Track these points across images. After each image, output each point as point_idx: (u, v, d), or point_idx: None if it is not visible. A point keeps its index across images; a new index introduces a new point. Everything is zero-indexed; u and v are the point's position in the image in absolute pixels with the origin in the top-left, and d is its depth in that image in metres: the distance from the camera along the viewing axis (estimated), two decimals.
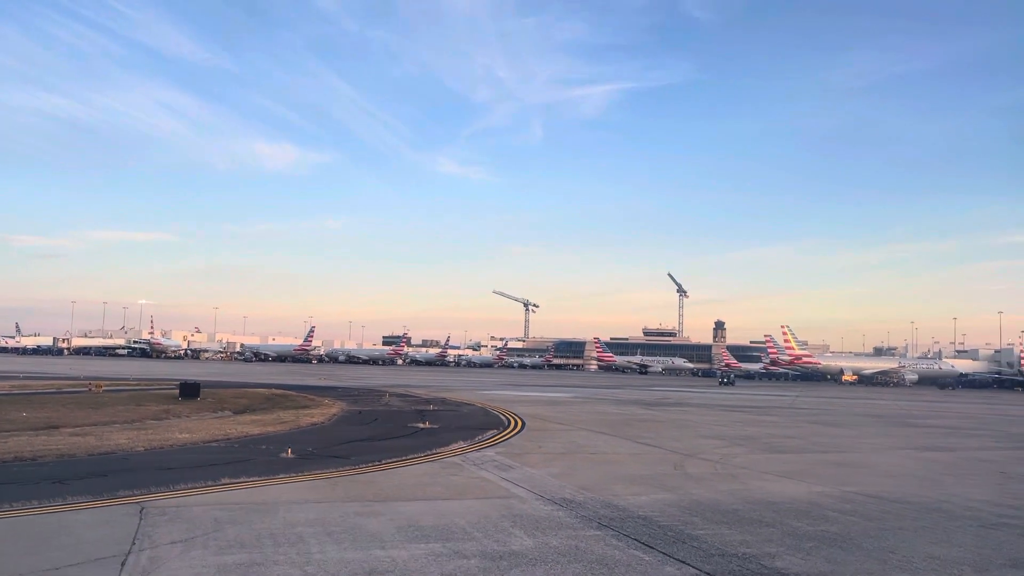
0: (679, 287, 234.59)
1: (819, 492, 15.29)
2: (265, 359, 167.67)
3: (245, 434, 22.02)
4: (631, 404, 45.88)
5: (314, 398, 38.43)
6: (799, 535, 11.32)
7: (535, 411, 35.76)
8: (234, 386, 48.49)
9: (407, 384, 62.35)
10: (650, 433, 27.08)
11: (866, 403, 59.23)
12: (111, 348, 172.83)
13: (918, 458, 22.63)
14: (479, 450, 20.30)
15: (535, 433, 25.54)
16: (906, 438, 29.36)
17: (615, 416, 35.35)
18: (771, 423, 34.66)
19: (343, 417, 29.26)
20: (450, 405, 37.85)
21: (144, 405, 30.50)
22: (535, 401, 44.75)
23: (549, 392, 58.73)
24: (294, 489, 13.88)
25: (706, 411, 41.57)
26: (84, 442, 18.77)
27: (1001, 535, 11.89)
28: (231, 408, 30.80)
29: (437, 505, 12.76)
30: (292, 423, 25.66)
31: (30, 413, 25.39)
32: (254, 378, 65.14)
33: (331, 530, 10.67)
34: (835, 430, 32.03)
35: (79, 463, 16.09)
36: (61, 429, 21.41)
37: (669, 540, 10.73)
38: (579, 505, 13.11)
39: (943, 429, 34.88)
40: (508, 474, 16.33)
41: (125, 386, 44.61)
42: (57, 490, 12.76)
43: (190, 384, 35.87)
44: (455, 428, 25.83)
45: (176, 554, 9.25)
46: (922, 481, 17.52)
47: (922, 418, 42.76)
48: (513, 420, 29.77)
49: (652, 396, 58.08)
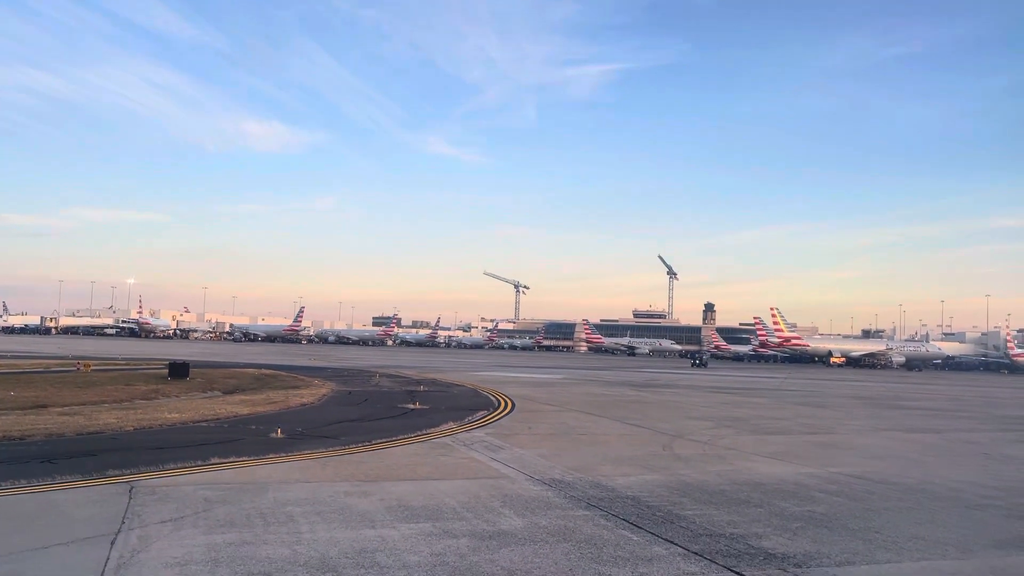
0: (669, 269, 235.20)
1: (806, 473, 15.44)
2: (254, 339, 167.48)
3: (235, 414, 21.99)
4: (620, 385, 46.08)
5: (304, 378, 38.40)
6: (786, 515, 11.44)
7: (525, 392, 35.87)
8: (223, 366, 48.37)
9: (397, 365, 62.40)
10: (639, 414, 27.23)
11: (853, 385, 59.71)
12: (99, 328, 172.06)
13: (904, 439, 22.87)
14: (469, 431, 20.36)
15: (525, 414, 25.62)
16: (892, 420, 29.64)
17: (604, 397, 35.51)
18: (759, 405, 34.90)
19: (333, 397, 29.28)
20: (440, 386, 37.93)
21: (133, 385, 30.41)
22: (525, 382, 44.87)
23: (539, 373, 58.89)
24: (284, 469, 13.90)
25: (695, 392, 41.81)
26: (73, 421, 18.72)
27: (985, 516, 12.05)
28: (220, 388, 30.75)
29: (427, 485, 12.80)
30: (282, 403, 25.65)
31: (18, 393, 25.27)
32: (243, 358, 64.99)
33: (321, 510, 10.70)
34: (822, 412, 32.29)
35: (68, 442, 16.06)
36: (49, 408, 21.34)
37: (657, 520, 10.82)
38: (568, 485, 13.18)
39: (929, 411, 35.22)
40: (498, 455, 16.40)
41: (113, 366, 44.42)
42: (46, 469, 12.72)
43: (179, 364, 35.73)
44: (445, 409, 25.89)
45: (166, 533, 9.26)
46: (907, 462, 17.71)
47: (908, 400, 43.14)
48: (503, 401, 29.86)
49: (641, 377, 58.34)
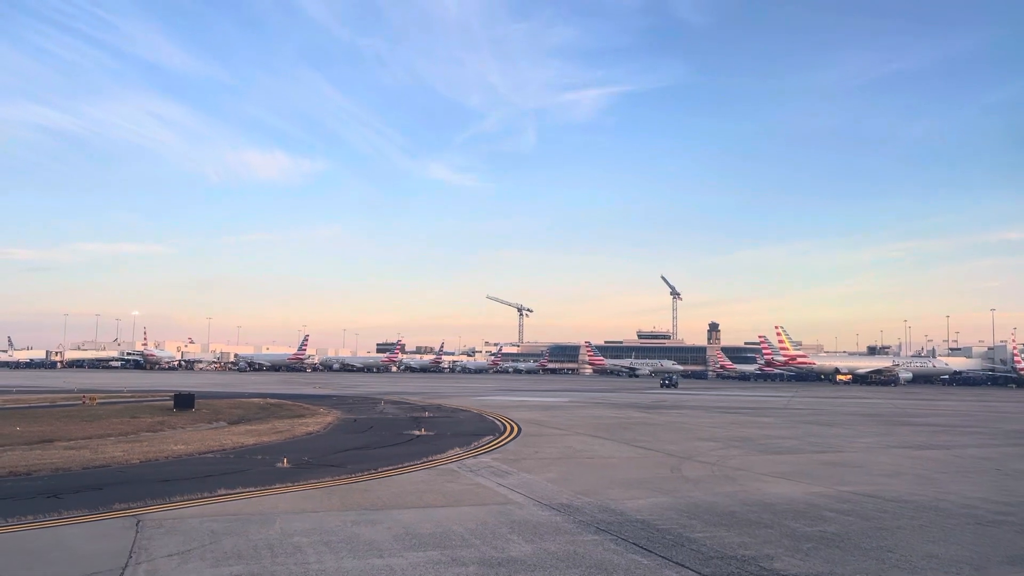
0: (672, 289, 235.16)
1: (816, 492, 15.32)
2: (259, 369, 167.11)
3: (240, 444, 21.95)
4: (626, 407, 45.88)
5: (309, 407, 38.33)
6: (797, 536, 11.34)
7: (531, 416, 35.74)
8: (229, 396, 48.33)
9: (402, 391, 62.25)
10: (646, 436, 27.09)
11: (861, 402, 59.36)
12: (104, 360, 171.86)
13: (914, 456, 22.69)
14: (475, 456, 20.27)
15: (531, 438, 25.52)
16: (901, 437, 29.43)
17: (611, 420, 35.35)
18: (767, 424, 34.71)
19: (338, 426, 29.20)
20: (445, 412, 37.82)
21: (139, 417, 30.38)
22: (530, 406, 44.72)
23: (544, 397, 58.68)
24: (291, 499, 13.83)
25: (702, 413, 41.60)
26: (79, 455, 18.70)
27: (999, 532, 11.92)
28: (226, 418, 30.70)
29: (434, 513, 12.73)
30: (287, 432, 25.59)
31: (24, 427, 25.26)
32: (249, 388, 64.92)
33: (328, 539, 10.64)
34: (831, 430, 32.09)
35: (74, 476, 16.02)
36: (55, 443, 21.32)
37: (667, 543, 10.73)
38: (577, 510, 13.10)
39: (938, 427, 34.97)
40: (505, 480, 16.31)
41: (119, 398, 44.41)
42: (52, 504, 12.70)
43: (184, 395, 35.73)
44: (451, 435, 25.80)
45: (173, 567, 9.21)
46: (918, 480, 17.57)
47: (917, 416, 42.85)
48: (509, 426, 29.74)
49: (648, 399, 58.10)
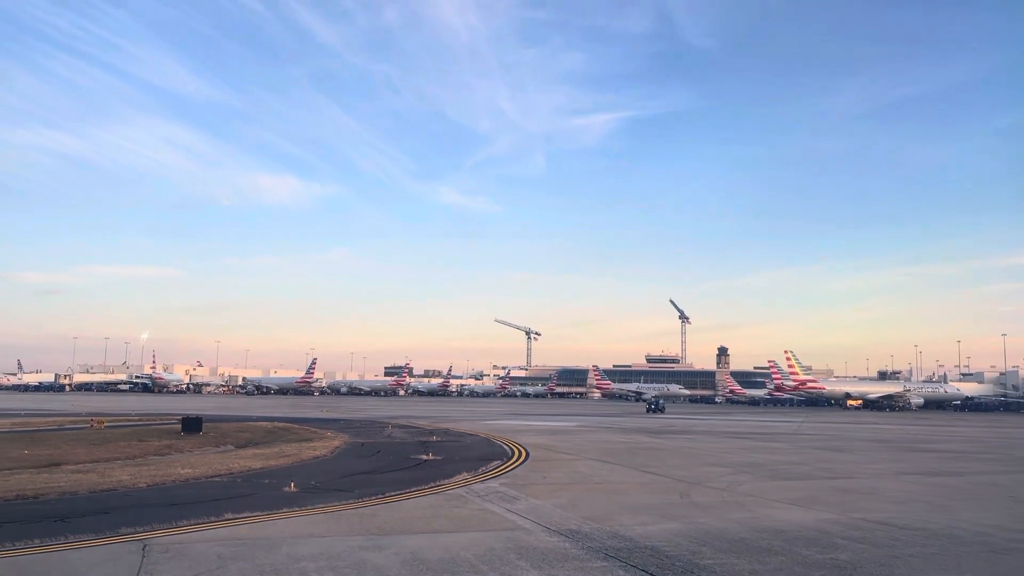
0: (681, 313, 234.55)
1: (827, 519, 15.16)
2: (267, 392, 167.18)
3: (248, 468, 21.89)
4: (635, 432, 45.60)
5: (316, 431, 38.24)
6: (808, 563, 11.20)
7: (539, 441, 35.56)
8: (236, 420, 48.29)
9: (410, 415, 62.05)
10: (655, 462, 26.90)
11: (872, 428, 58.83)
12: (113, 384, 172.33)
13: (926, 483, 22.44)
14: (483, 481, 20.16)
15: (539, 463, 25.37)
16: (913, 463, 29.13)
17: (619, 445, 35.13)
18: (777, 450, 34.42)
19: (346, 450, 29.11)
20: (453, 436, 37.66)
21: (146, 440, 30.36)
22: (539, 431, 44.50)
23: (552, 421, 58.40)
24: (298, 523, 13.77)
25: (711, 438, 41.30)
26: (86, 479, 18.68)
27: (1013, 560, 11.76)
28: (233, 442, 30.64)
29: (442, 538, 12.64)
30: (295, 456, 25.52)
31: (32, 451, 25.28)
32: (256, 411, 64.86)
33: (336, 565, 10.57)
34: (841, 456, 31.79)
35: (81, 500, 16.00)
36: (63, 466, 21.31)
37: (677, 570, 10.62)
38: (585, 536, 12.99)
39: (950, 454, 34.62)
40: (513, 505, 16.21)
41: (127, 422, 44.43)
42: (59, 528, 12.67)
43: (192, 419, 35.69)
44: (459, 459, 25.68)
45: None
46: (930, 506, 17.37)
47: (929, 443, 42.44)
48: (517, 450, 29.59)
49: (657, 424, 57.73)
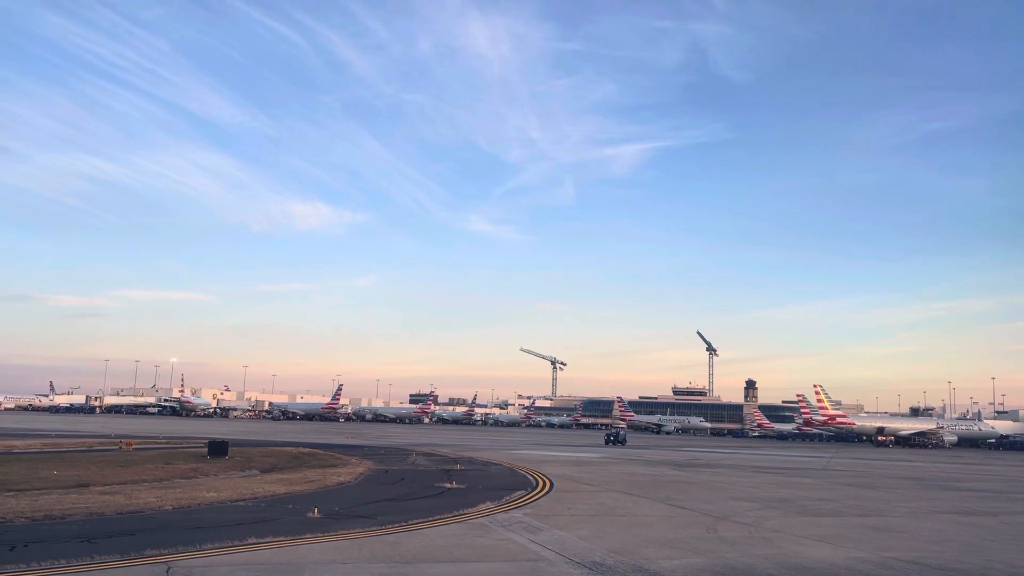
0: (708, 345, 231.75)
1: (857, 557, 14.82)
2: (293, 417, 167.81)
3: (272, 493, 21.98)
4: (661, 464, 45.05)
5: (341, 457, 38.31)
6: None
7: (563, 471, 35.26)
8: (262, 444, 48.58)
9: (434, 443, 61.90)
10: (681, 495, 26.54)
11: (904, 465, 57.56)
12: (142, 406, 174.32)
13: (960, 522, 21.87)
14: (507, 511, 20.02)
15: (564, 494, 25.15)
16: (947, 502, 28.43)
17: (645, 477, 34.72)
18: (805, 485, 33.80)
19: (370, 476, 29.11)
20: (477, 465, 37.50)
21: (173, 463, 30.63)
22: (563, 461, 44.14)
23: (577, 452, 57.90)
24: (321, 549, 13.77)
25: (738, 473, 40.67)
26: (113, 500, 18.88)
27: None
28: (258, 467, 30.80)
29: (464, 567, 12.56)
30: (319, 482, 25.58)
31: (61, 471, 25.61)
32: (282, 436, 65.13)
33: None
34: (872, 493, 31.12)
35: (107, 521, 16.17)
36: (91, 487, 21.57)
37: None
38: (609, 569, 12.82)
39: (985, 493, 33.74)
40: (536, 536, 16.06)
41: (154, 444, 44.88)
42: (85, 549, 12.79)
43: (218, 442, 35.96)
44: (482, 488, 25.55)
45: None
46: (965, 547, 16.91)
47: (963, 481, 41.41)
48: (541, 481, 29.37)
49: (683, 456, 57.00)
